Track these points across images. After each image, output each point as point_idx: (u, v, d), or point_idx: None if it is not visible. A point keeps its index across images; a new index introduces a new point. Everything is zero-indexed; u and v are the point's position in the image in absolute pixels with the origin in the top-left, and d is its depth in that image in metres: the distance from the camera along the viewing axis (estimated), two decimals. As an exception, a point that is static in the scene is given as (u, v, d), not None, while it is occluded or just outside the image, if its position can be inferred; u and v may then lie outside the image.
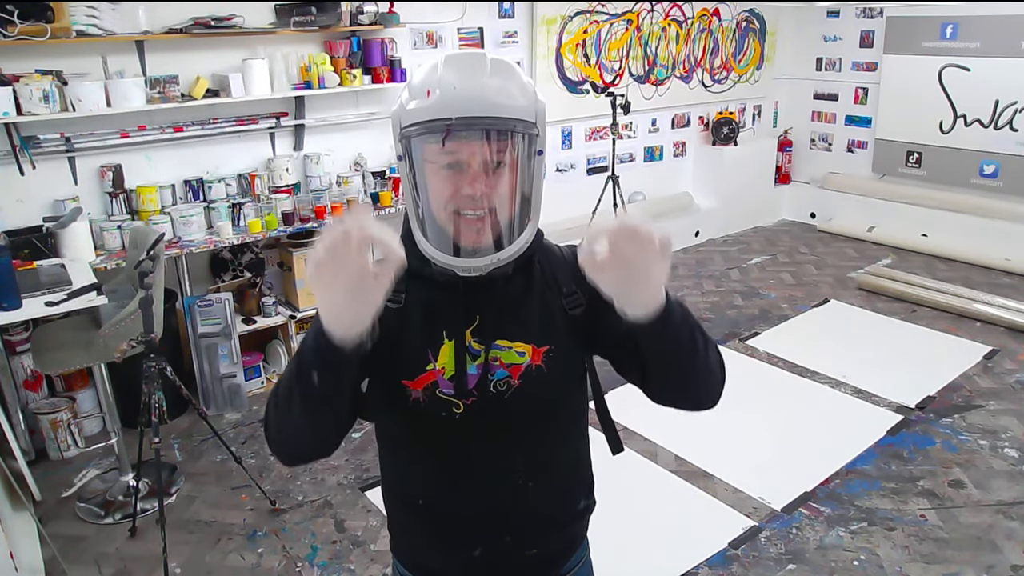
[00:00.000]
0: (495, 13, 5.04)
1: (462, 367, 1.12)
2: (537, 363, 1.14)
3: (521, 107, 1.05)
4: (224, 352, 3.81)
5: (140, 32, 3.60)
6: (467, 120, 1.01)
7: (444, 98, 1.01)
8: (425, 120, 1.03)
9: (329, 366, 0.97)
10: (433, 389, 1.13)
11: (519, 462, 1.18)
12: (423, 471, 1.21)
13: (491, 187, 1.05)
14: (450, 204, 1.06)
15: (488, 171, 1.04)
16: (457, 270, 1.08)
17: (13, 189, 3.50)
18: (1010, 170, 5.70)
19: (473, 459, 1.17)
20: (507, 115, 1.03)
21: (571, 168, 5.77)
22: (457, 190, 1.04)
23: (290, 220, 4.04)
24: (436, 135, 1.03)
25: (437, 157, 1.05)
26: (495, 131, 1.03)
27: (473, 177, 1.04)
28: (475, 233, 1.06)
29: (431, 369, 1.12)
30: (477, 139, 1.03)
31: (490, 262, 1.07)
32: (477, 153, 1.03)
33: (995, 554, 2.72)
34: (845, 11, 6.53)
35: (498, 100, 1.03)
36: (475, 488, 1.18)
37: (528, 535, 1.22)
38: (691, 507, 3.05)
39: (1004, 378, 4.00)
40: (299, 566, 2.75)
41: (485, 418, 1.14)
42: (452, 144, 1.03)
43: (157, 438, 2.70)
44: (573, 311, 1.17)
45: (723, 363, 1.13)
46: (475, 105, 1.02)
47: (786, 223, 7.06)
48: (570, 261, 1.20)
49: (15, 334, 3.43)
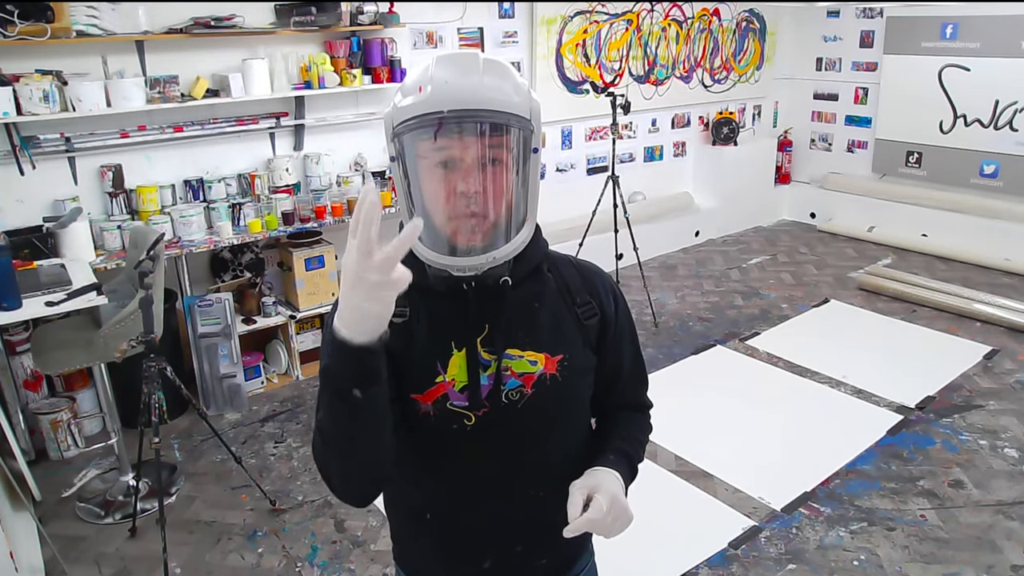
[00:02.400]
0: (495, 13, 5.04)
1: (475, 378, 1.10)
2: (552, 372, 1.13)
3: (515, 103, 1.02)
4: (224, 352, 3.81)
5: (140, 32, 3.60)
6: (460, 112, 0.99)
7: (436, 92, 0.99)
8: (417, 115, 1.00)
9: (364, 374, 0.93)
10: (444, 402, 1.10)
11: (530, 472, 1.16)
12: (432, 485, 1.18)
13: (486, 185, 1.02)
14: (445, 203, 1.03)
15: (483, 168, 1.01)
16: (452, 270, 1.05)
17: (13, 189, 3.50)
18: (1010, 170, 5.70)
19: (484, 471, 1.15)
20: (501, 109, 1.01)
21: (571, 168, 5.77)
22: (451, 189, 1.02)
23: (290, 220, 4.04)
24: (428, 129, 1.00)
25: (430, 154, 1.02)
26: (489, 125, 1.00)
27: (467, 174, 1.01)
28: (471, 232, 1.03)
29: (441, 381, 1.10)
30: (470, 134, 1.00)
31: (486, 261, 1.04)
32: (470, 149, 1.01)
33: (995, 554, 2.72)
34: (845, 11, 6.53)
35: (491, 95, 1.01)
36: (485, 500, 1.16)
37: (539, 545, 1.21)
38: (691, 507, 3.05)
39: (1004, 378, 4.00)
40: (299, 566, 2.75)
41: (497, 429, 1.11)
42: (445, 140, 1.00)
43: (157, 438, 2.69)
44: (588, 320, 1.16)
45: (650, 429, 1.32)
46: (468, 97, 0.99)
47: (786, 223, 7.06)
48: (583, 272, 1.21)
49: (15, 334, 3.43)
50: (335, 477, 1.06)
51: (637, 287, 4.98)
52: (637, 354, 1.29)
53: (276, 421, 3.77)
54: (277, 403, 3.95)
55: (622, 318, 1.23)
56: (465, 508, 1.17)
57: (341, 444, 1.01)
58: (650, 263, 5.76)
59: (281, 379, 4.19)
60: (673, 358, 4.32)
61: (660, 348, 4.46)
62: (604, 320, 1.19)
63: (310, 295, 4.14)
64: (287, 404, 3.93)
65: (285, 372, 4.22)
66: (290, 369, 4.20)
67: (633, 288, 5.02)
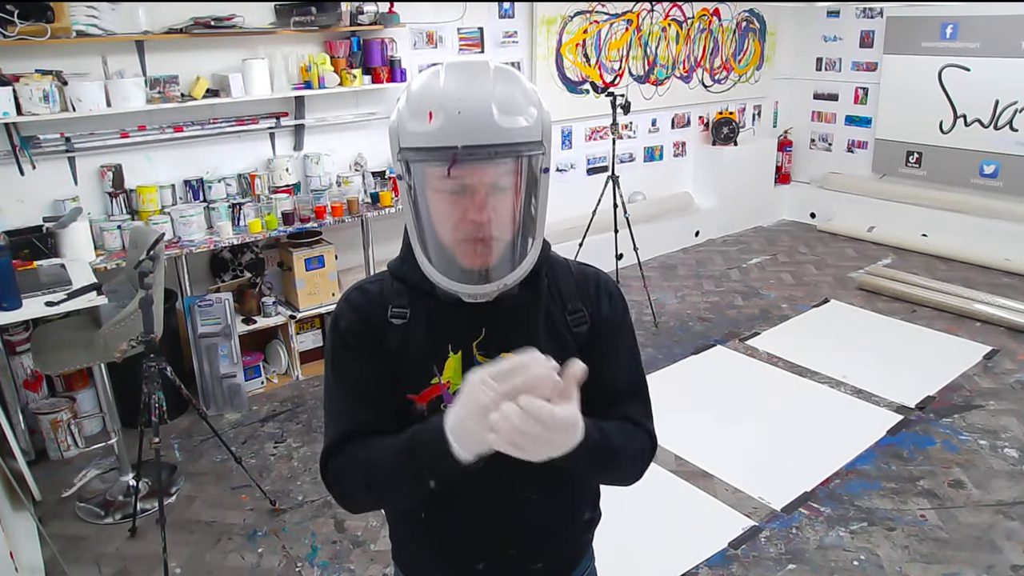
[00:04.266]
0: (495, 13, 5.04)
1: None
2: None
3: (528, 129, 1.01)
4: (224, 352, 3.81)
5: (140, 32, 3.60)
6: (473, 149, 0.97)
7: (448, 125, 0.98)
8: (428, 147, 0.99)
9: (448, 477, 1.01)
10: (438, 403, 1.11)
11: (523, 475, 1.14)
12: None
13: (497, 211, 1.02)
14: (455, 228, 1.03)
15: (494, 195, 1.02)
16: (464, 297, 1.06)
17: (13, 189, 3.50)
18: (1010, 170, 5.70)
19: (477, 473, 1.13)
20: (514, 140, 1.00)
21: (571, 168, 5.77)
22: (463, 215, 1.02)
23: (290, 220, 4.03)
24: (440, 164, 0.99)
25: (441, 184, 1.01)
26: (502, 158, 1.00)
27: (480, 203, 1.01)
28: (481, 258, 1.04)
29: (436, 383, 1.11)
30: (483, 166, 1.00)
31: (497, 288, 1.05)
32: (484, 178, 1.00)
33: (995, 554, 2.72)
34: (845, 11, 6.53)
35: (504, 124, 0.99)
36: (479, 503, 1.16)
37: (533, 549, 1.21)
38: (691, 507, 3.05)
39: (1004, 378, 4.00)
40: (299, 566, 2.75)
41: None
42: (457, 171, 0.99)
43: (157, 438, 2.69)
44: (577, 328, 1.16)
45: (648, 460, 1.19)
46: (481, 131, 0.98)
47: (786, 223, 7.06)
48: (578, 278, 1.20)
49: (15, 334, 3.43)
50: (353, 504, 1.16)
51: (637, 287, 4.98)
52: (636, 370, 1.23)
53: (276, 421, 3.77)
54: (277, 403, 3.95)
55: (618, 325, 1.20)
56: (458, 510, 1.17)
57: (382, 494, 1.11)
58: (650, 263, 5.76)
59: (281, 379, 4.19)
60: (673, 358, 4.32)
61: (660, 348, 4.46)
62: (594, 326, 1.18)
63: (310, 295, 4.14)
64: (287, 404, 3.93)
65: (285, 372, 4.22)
66: (290, 369, 4.20)
67: (633, 288, 5.02)
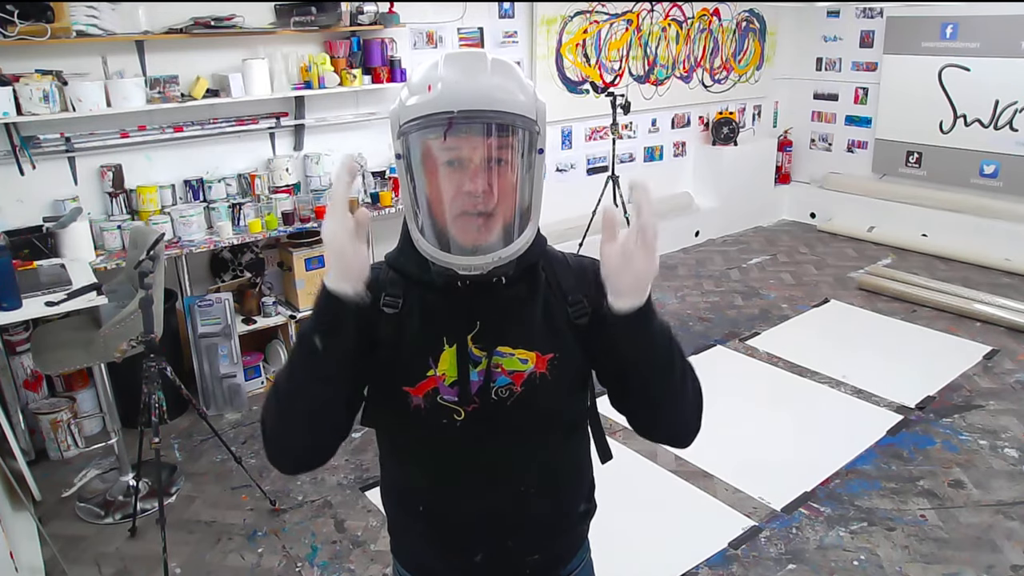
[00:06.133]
0: (495, 13, 5.04)
1: (465, 373, 1.11)
2: (541, 370, 1.13)
3: (522, 103, 1.04)
4: (224, 352, 3.81)
5: (140, 32, 3.60)
6: (469, 113, 1.00)
7: (446, 92, 1.01)
8: (427, 114, 1.01)
9: (331, 325, 1.00)
10: (434, 396, 1.12)
11: (520, 468, 1.18)
12: (424, 477, 1.20)
13: (492, 184, 1.03)
14: (451, 202, 1.04)
15: (489, 168, 1.03)
16: (458, 269, 1.05)
17: (13, 189, 3.50)
18: (1010, 170, 5.70)
19: (474, 465, 1.16)
20: (509, 110, 1.02)
21: (571, 168, 5.77)
22: (458, 187, 1.03)
23: (290, 220, 4.04)
24: (438, 129, 1.01)
25: (438, 153, 1.04)
26: (497, 126, 1.02)
27: (474, 174, 1.02)
28: (476, 231, 1.04)
29: (431, 375, 1.12)
30: (478, 134, 1.02)
31: (492, 260, 1.05)
32: (479, 149, 1.02)
33: (995, 554, 2.72)
34: (845, 11, 6.53)
35: (500, 96, 1.02)
36: (476, 494, 1.17)
37: (529, 540, 1.22)
38: (691, 507, 3.05)
39: (1004, 378, 4.00)
40: (299, 566, 2.75)
41: (486, 425, 1.13)
42: (453, 140, 1.02)
43: (157, 438, 2.69)
44: (579, 320, 1.16)
45: (700, 403, 1.18)
46: (477, 99, 1.01)
47: (786, 223, 7.06)
48: (577, 270, 1.20)
49: (15, 334, 3.43)
50: (269, 428, 1.09)
51: (637, 287, 4.97)
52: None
53: (276, 421, 3.76)
54: (277, 403, 3.94)
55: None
56: (455, 502, 1.18)
57: (282, 396, 1.06)
58: (650, 263, 5.75)
59: (281, 379, 4.18)
60: (673, 358, 4.31)
61: (660, 348, 4.45)
62: (598, 313, 1.16)
63: (310, 295, 4.13)
64: (287, 404, 3.93)
65: (285, 372, 4.21)
66: (290, 369, 4.20)
67: (633, 288, 5.01)
